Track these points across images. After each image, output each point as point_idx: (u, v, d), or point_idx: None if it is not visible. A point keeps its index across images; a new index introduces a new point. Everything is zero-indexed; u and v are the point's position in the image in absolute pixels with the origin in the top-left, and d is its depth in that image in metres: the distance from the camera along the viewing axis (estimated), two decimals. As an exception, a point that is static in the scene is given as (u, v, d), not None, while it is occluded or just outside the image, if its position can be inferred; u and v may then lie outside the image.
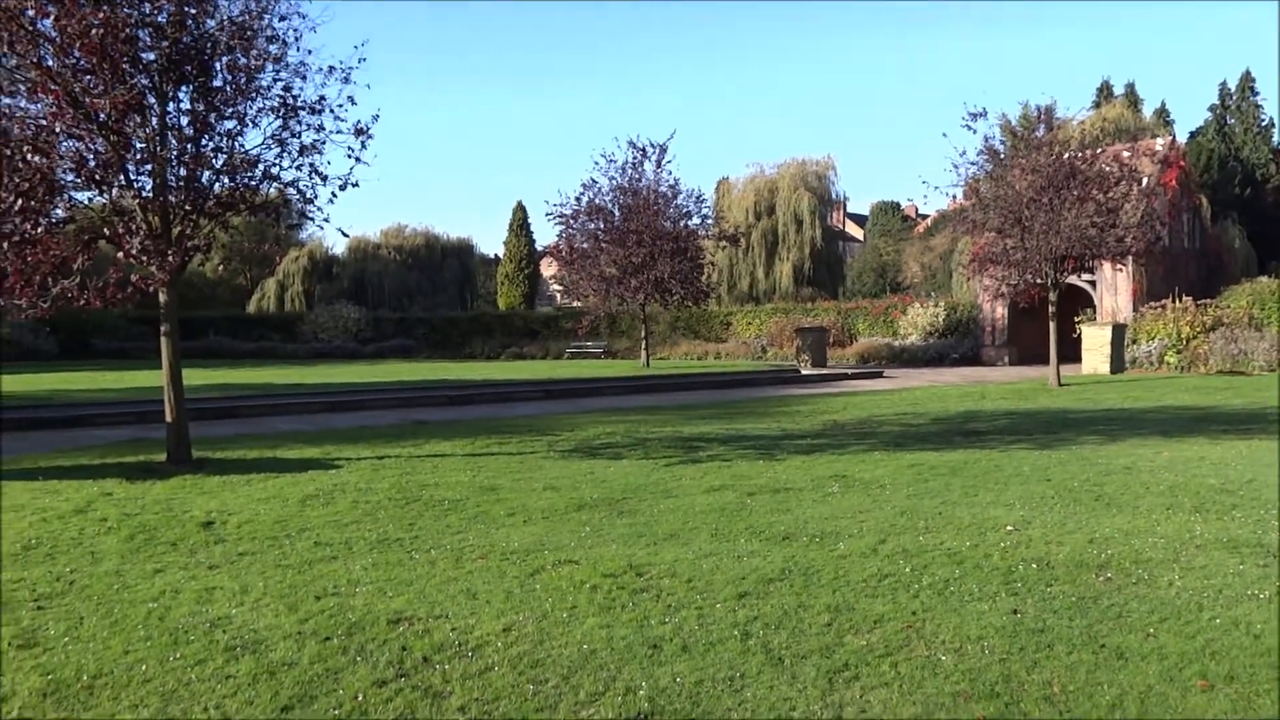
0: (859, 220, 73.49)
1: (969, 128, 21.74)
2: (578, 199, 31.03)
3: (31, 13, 8.89)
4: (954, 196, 25.35)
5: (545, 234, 54.55)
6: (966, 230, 24.64)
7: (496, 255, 64.50)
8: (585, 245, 31.17)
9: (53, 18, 8.91)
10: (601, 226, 30.81)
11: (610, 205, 30.70)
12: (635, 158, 30.37)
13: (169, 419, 10.60)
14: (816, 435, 13.01)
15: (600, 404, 19.22)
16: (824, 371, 28.22)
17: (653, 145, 30.36)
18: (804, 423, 14.69)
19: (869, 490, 8.60)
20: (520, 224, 57.82)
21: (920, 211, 66.41)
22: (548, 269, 43.35)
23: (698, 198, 31.65)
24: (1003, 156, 22.04)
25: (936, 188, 38.18)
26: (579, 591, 5.43)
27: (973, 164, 22.19)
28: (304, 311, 48.33)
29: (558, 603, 5.24)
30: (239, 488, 8.98)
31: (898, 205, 65.65)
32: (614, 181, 30.67)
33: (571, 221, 31.26)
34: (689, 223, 31.17)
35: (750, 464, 10.28)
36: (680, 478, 9.42)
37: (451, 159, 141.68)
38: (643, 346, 32.60)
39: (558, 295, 47.17)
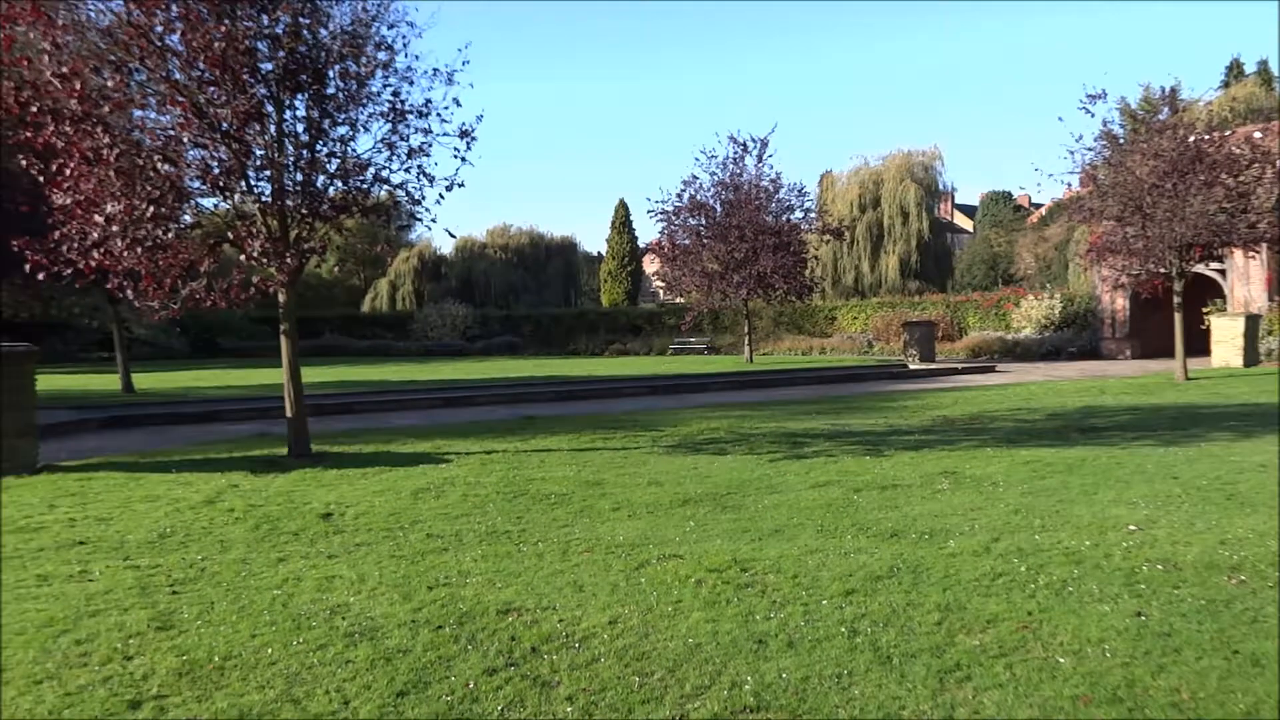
0: (967, 211, 71.53)
1: (1087, 111, 20.87)
2: (679, 195, 31.03)
3: (160, 29, 9.37)
4: (1069, 184, 24.44)
5: (647, 231, 55.01)
6: (1083, 219, 23.70)
7: (599, 253, 65.15)
8: (687, 241, 31.13)
9: (179, 33, 9.38)
10: (703, 222, 30.73)
11: (712, 201, 30.59)
12: (736, 153, 30.21)
13: (289, 415, 11.04)
14: (925, 431, 12.73)
15: (703, 399, 19.21)
16: (932, 366, 27.56)
17: (754, 140, 30.16)
18: (912, 418, 14.38)
19: (980, 487, 8.36)
20: (622, 221, 58.27)
21: (1033, 201, 64.15)
22: (650, 265, 43.42)
23: (800, 191, 31.28)
24: (1122, 141, 21.11)
25: (1051, 175, 37.11)
26: (684, 586, 5.44)
27: (1090, 150, 21.32)
28: (414, 310, 49.64)
29: (663, 596, 5.26)
30: (355, 481, 9.30)
31: (1009, 195, 63.66)
32: (715, 177, 30.55)
33: (673, 218, 31.26)
34: (791, 217, 30.82)
35: (856, 460, 10.13)
36: (785, 473, 9.34)
37: (555, 158, 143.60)
38: (746, 342, 32.42)
39: (660, 291, 47.29)
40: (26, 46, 9.65)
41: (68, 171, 9.67)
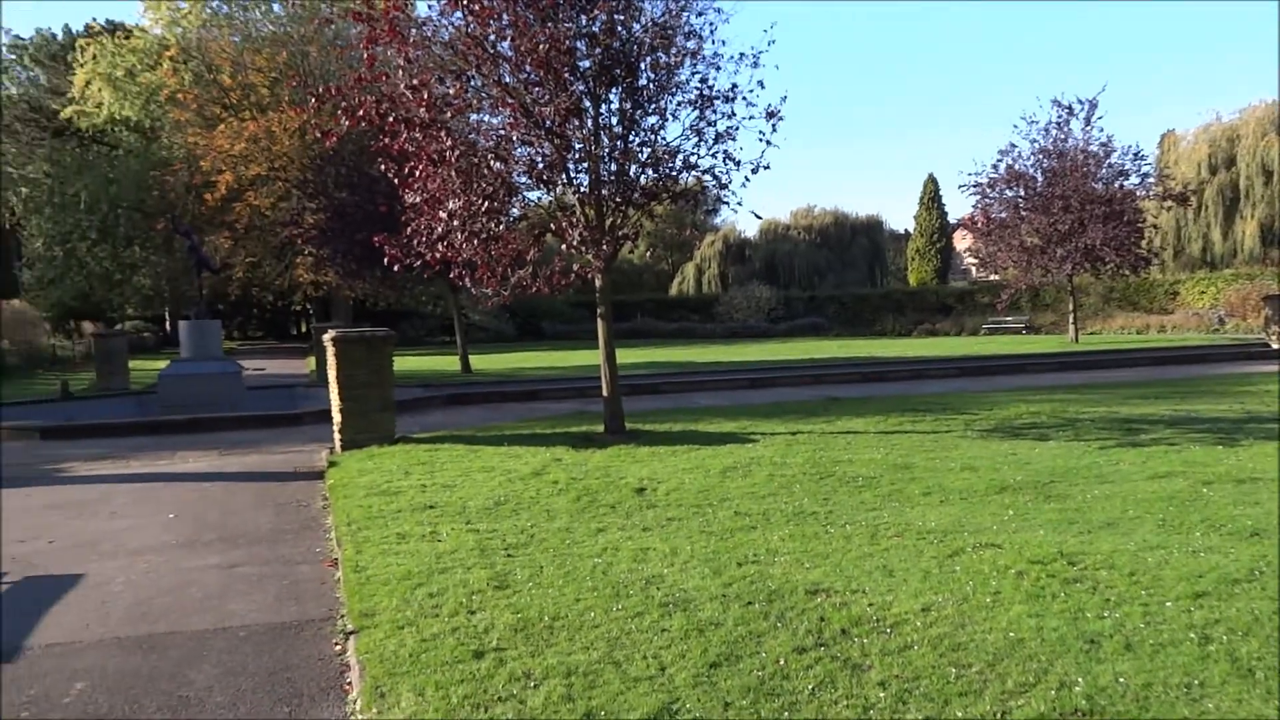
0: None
1: None
2: (994, 166, 29.25)
3: (493, 37, 10.20)
4: None
5: (958, 206, 52.39)
6: None
7: (906, 230, 63.01)
8: (1003, 215, 29.30)
9: (509, 39, 10.16)
10: (1022, 194, 28.78)
11: (1032, 170, 28.56)
12: (1060, 117, 27.95)
13: (605, 394, 11.67)
14: (1292, 419, 11.15)
15: (1021, 382, 18.04)
16: (1300, 346, 24.04)
17: (1080, 101, 27.76)
18: (1275, 404, 12.65)
19: (1366, 485, 7.20)
20: (931, 197, 55.93)
21: None
22: (961, 242, 41.39)
23: (1135, 155, 28.35)
24: None
25: None
26: (1003, 576, 5.16)
27: None
28: (719, 293, 50.67)
29: (979, 586, 5.02)
30: (666, 458, 9.66)
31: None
32: (1036, 145, 28.47)
33: (988, 190, 29.54)
34: (1125, 183, 28.06)
35: (1205, 449, 9.08)
36: (1118, 462, 8.57)
37: (860, 135, 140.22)
38: (1070, 320, 30.04)
39: (972, 269, 44.98)
40: (384, 64, 10.89)
41: (417, 173, 10.82)
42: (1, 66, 48.79)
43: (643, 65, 10.66)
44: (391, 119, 10.43)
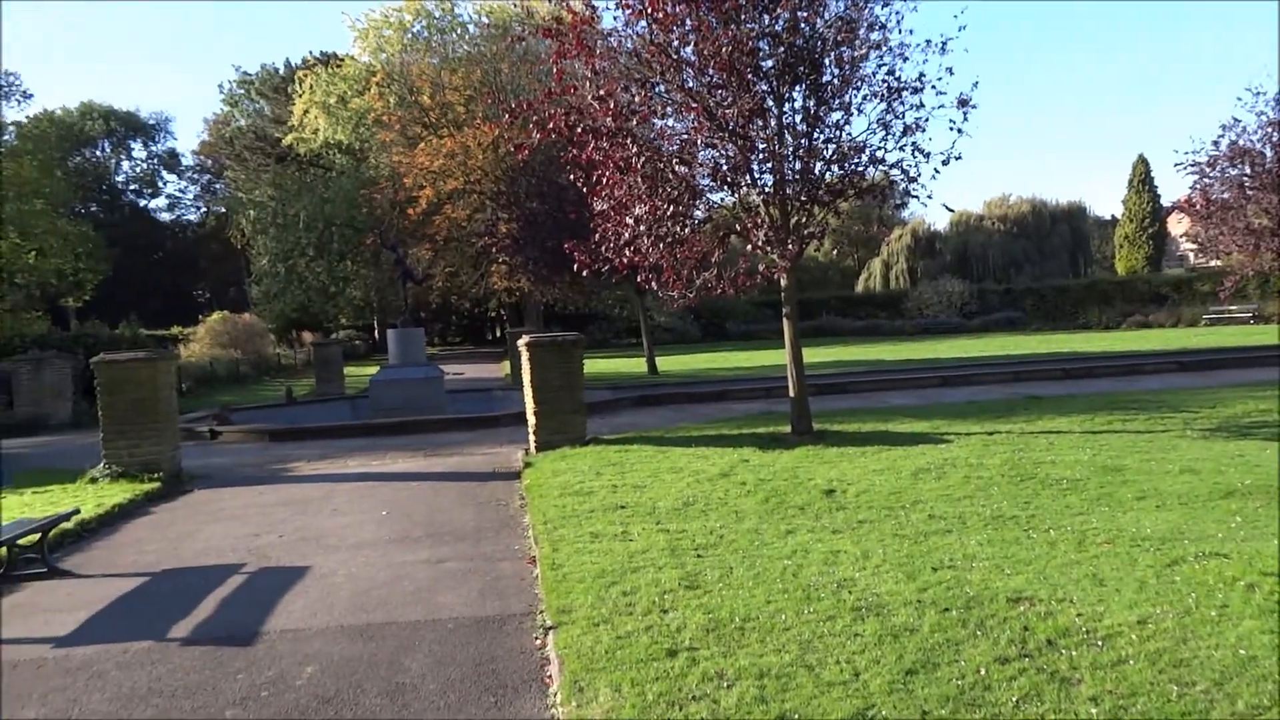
0: None
1: None
2: (1215, 143, 26.88)
3: (676, 43, 10.33)
4: None
5: (1172, 188, 48.61)
6: None
7: (1113, 216, 59.13)
8: (1226, 195, 26.87)
9: (692, 44, 10.26)
10: (1248, 171, 26.31)
11: (1260, 145, 26.08)
12: (1293, 84, 25.43)
13: (792, 394, 11.58)
14: None
15: (1250, 377, 16.60)
16: None
17: (1316, 66, 25.16)
18: None
19: None
20: (1141, 180, 52.19)
21: None
22: (1177, 226, 38.39)
23: (1384, 122, 25.40)
24: None
25: None
26: (1230, 589, 4.77)
27: None
28: (907, 288, 49.17)
29: (1203, 599, 4.66)
30: (855, 459, 9.49)
31: None
32: (1264, 117, 25.97)
33: (1208, 170, 27.15)
34: (1371, 153, 25.18)
35: None
36: (1367, 466, 7.74)
37: (1058, 117, 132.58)
38: (1307, 309, 27.29)
39: (1190, 255, 41.59)
40: (571, 77, 11.24)
41: (604, 180, 11.10)
42: (232, 101, 53.67)
43: (827, 61, 10.51)
44: (580, 129, 10.74)
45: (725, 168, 10.66)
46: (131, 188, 62.89)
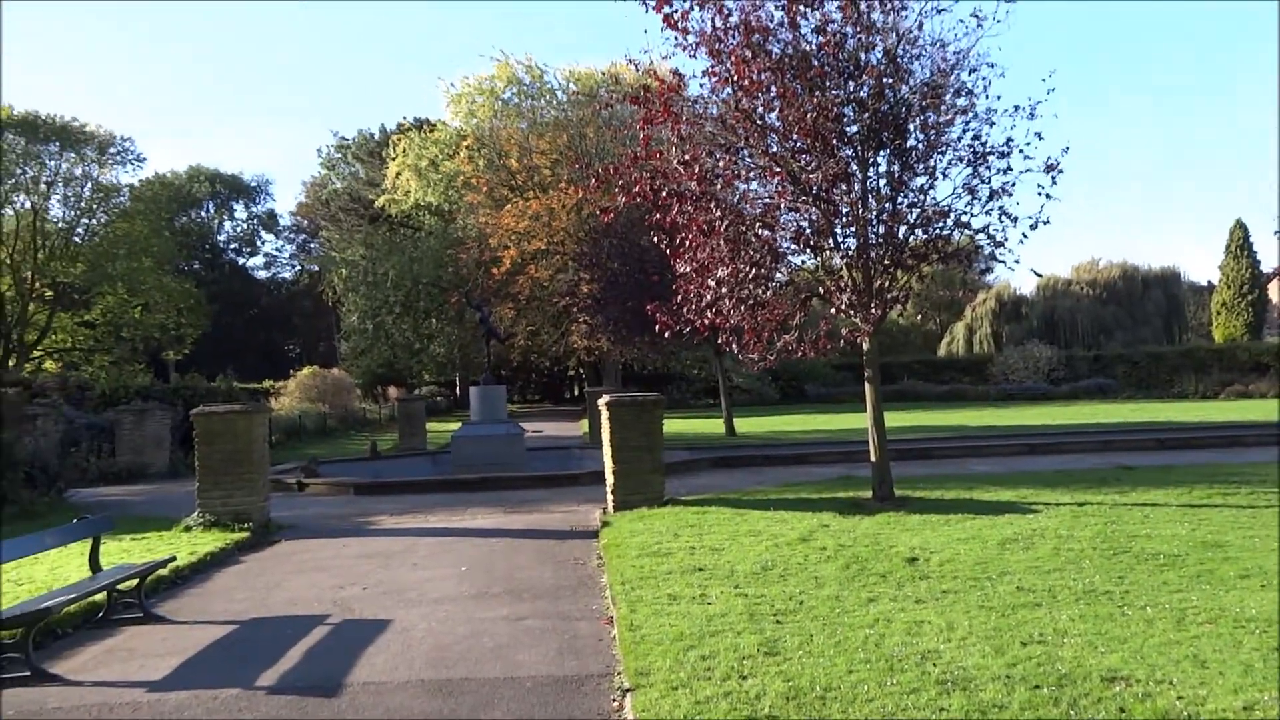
0: None
1: None
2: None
3: (761, 109, 10.49)
4: None
5: (1272, 254, 46.91)
6: None
7: (1210, 282, 57.26)
8: (1330, 261, 25.95)
9: (777, 110, 10.41)
10: (1353, 237, 25.40)
11: (1365, 210, 25.17)
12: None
13: (873, 459, 11.42)
14: None
15: (1361, 452, 15.76)
16: None
17: None
18: None
19: None
20: (1240, 245, 50.60)
21: None
22: (1277, 293, 37.02)
23: None
24: None
25: None
26: (1344, 678, 4.53)
27: None
28: (992, 353, 48.17)
29: (1315, 687, 4.43)
30: (938, 527, 9.28)
31: None
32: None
33: (1309, 235, 26.32)
34: None
35: None
36: None
37: (1150, 181, 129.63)
38: None
39: (1293, 322, 39.98)
40: (657, 142, 11.48)
41: (688, 243, 11.25)
42: (329, 165, 55.89)
43: (911, 126, 10.54)
44: (664, 193, 10.94)
45: (808, 231, 10.72)
46: (232, 246, 65.81)
